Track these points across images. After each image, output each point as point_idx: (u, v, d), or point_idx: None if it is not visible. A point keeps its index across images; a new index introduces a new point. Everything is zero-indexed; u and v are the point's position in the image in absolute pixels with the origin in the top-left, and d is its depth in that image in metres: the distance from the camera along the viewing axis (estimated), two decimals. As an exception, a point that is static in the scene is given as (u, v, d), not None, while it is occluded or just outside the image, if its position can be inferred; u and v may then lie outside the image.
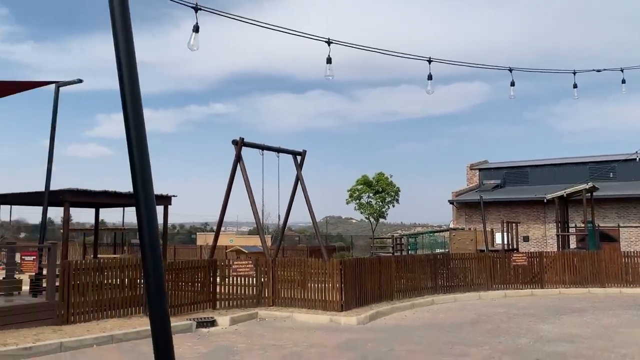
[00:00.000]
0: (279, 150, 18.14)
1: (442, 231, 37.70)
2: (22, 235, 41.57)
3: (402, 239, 31.60)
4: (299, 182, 18.82)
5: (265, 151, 17.53)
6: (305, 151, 19.24)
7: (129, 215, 20.79)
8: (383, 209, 37.20)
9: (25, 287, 12.65)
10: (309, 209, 18.78)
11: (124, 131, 1.92)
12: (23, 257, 12.64)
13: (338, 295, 13.25)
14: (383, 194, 36.83)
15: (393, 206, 37.51)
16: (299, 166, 18.92)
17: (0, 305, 10.54)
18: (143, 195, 1.95)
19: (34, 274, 12.32)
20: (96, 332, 10.15)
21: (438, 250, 30.72)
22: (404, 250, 29.21)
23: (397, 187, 37.48)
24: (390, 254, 25.46)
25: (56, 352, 8.95)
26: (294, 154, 18.97)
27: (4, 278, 12.62)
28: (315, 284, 13.75)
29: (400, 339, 10.47)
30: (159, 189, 16.32)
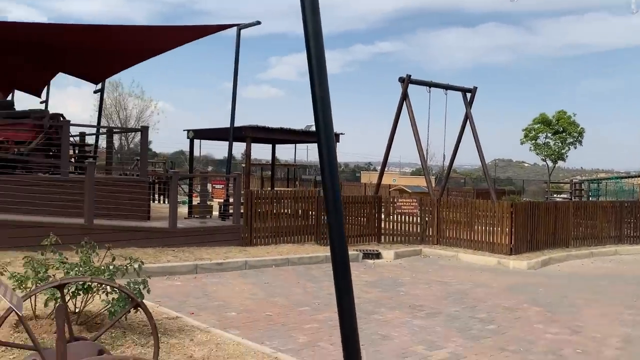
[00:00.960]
0: (447, 88, 17.53)
1: (633, 177, 33.53)
2: (210, 168, 46.61)
3: (582, 185, 28.96)
4: (468, 121, 18.08)
5: (432, 89, 17.08)
6: (475, 88, 18.31)
7: (300, 154, 22.07)
8: (562, 150, 34.29)
9: (215, 213, 14.33)
10: (477, 149, 18.05)
11: (307, 70, 2.01)
12: (214, 186, 14.24)
13: (507, 238, 12.76)
14: (563, 134, 33.82)
15: (575, 147, 34.41)
16: (469, 104, 18.11)
17: (197, 226, 12.13)
18: (324, 132, 2.04)
19: (222, 200, 13.88)
20: (274, 255, 11.21)
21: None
22: (583, 197, 26.82)
23: (581, 128, 34.11)
24: (568, 200, 23.57)
25: (242, 269, 10.11)
26: (464, 90, 18.16)
27: (198, 203, 14.42)
28: (482, 227, 13.39)
29: (575, 287, 9.82)
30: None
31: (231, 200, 13.24)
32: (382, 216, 14.27)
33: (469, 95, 18.21)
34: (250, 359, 4.70)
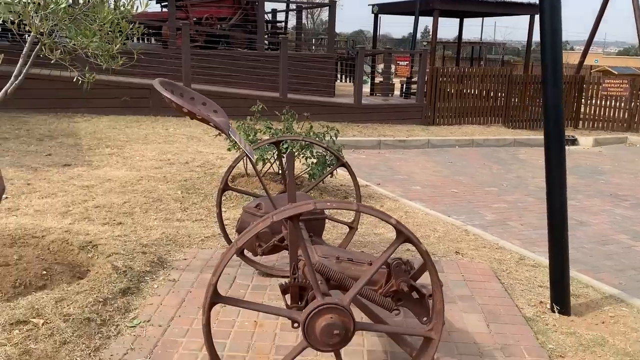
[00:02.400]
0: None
1: None
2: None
3: None
4: None
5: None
6: None
7: (487, 30, 20.33)
8: None
9: (396, 92, 14.23)
10: None
11: None
12: (398, 62, 14.02)
13: None
14: None
15: None
16: None
17: (380, 103, 12.23)
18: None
19: (405, 78, 13.67)
20: (458, 135, 10.94)
21: None
22: None
23: None
24: None
25: (424, 147, 10.10)
26: None
27: (380, 82, 14.43)
28: None
29: None
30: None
31: (414, 78, 12.96)
32: (582, 100, 12.85)
33: None
34: (440, 228, 4.81)
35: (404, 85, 13.68)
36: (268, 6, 14.78)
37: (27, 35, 2.76)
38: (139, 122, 9.15)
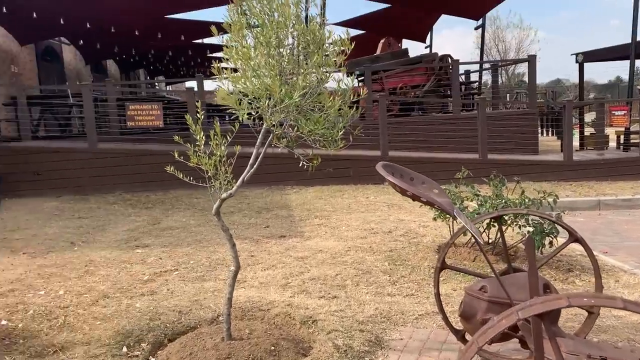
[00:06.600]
0: None
1: None
2: (591, 95, 41.90)
3: None
4: None
5: None
6: None
7: None
8: None
9: (612, 144, 12.72)
10: None
11: None
12: (612, 112, 12.63)
13: None
14: None
15: None
16: None
17: (594, 158, 11.02)
18: None
19: (622, 129, 12.19)
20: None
21: None
22: None
23: None
24: None
25: (656, 207, 8.71)
26: None
27: (592, 134, 13.08)
28: None
29: None
30: None
31: (633, 127, 11.47)
32: None
33: None
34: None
35: (621, 136, 12.18)
36: (461, 67, 14.70)
37: (256, 124, 3.05)
38: (342, 192, 9.57)
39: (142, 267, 5.30)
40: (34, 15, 12.52)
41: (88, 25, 14.37)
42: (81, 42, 18.07)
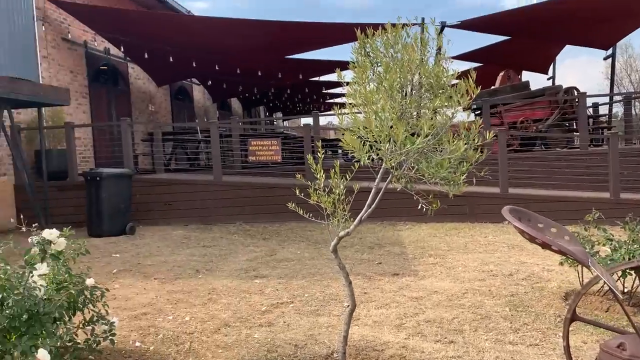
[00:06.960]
0: None
1: None
2: None
3: None
4: None
5: None
6: None
7: None
8: None
9: None
10: None
11: None
12: None
13: None
14: None
15: None
16: None
17: None
18: None
19: None
20: None
21: None
22: None
23: None
24: None
25: None
26: None
27: None
28: None
29: None
30: None
31: None
32: None
33: None
34: None
35: None
36: (588, 100, 13.76)
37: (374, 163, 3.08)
38: (458, 230, 9.28)
39: (260, 297, 5.49)
40: (171, 59, 13.84)
41: (217, 67, 15.57)
42: (209, 82, 19.60)
